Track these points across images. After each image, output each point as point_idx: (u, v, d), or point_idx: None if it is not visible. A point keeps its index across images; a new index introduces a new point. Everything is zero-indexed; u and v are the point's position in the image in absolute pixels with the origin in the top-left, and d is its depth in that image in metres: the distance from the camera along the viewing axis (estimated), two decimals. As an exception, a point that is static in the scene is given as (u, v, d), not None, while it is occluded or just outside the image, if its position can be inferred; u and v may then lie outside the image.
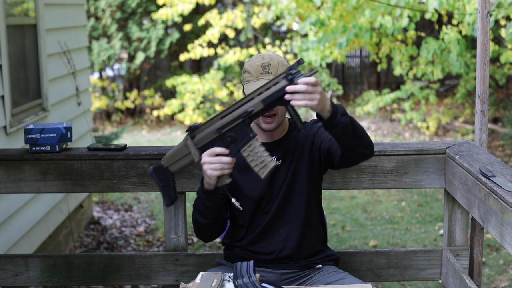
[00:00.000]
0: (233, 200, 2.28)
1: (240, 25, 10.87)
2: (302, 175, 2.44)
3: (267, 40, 11.62)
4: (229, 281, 2.22)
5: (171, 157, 2.22)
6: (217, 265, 2.63)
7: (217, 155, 2.16)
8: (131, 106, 12.56)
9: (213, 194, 2.29)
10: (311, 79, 2.03)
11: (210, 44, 11.63)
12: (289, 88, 2.03)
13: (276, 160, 2.42)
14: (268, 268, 2.48)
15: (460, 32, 7.84)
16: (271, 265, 2.48)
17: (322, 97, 2.07)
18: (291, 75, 2.04)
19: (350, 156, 2.32)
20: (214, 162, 2.15)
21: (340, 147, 2.28)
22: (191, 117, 11.15)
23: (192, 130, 2.17)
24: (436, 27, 10.78)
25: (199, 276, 2.24)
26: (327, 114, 2.11)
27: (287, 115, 2.38)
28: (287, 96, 2.05)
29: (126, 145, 2.91)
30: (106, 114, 12.54)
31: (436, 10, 6.97)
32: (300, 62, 2.01)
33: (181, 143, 2.20)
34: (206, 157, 2.16)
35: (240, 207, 2.29)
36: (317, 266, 2.52)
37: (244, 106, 2.10)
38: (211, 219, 2.37)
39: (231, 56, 10.56)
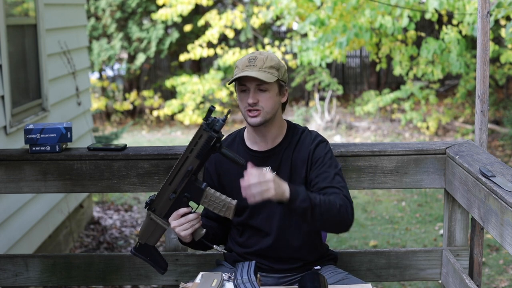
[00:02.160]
0: (215, 246, 2.36)
1: (239, 25, 10.87)
2: None
3: (266, 40, 11.62)
4: (229, 281, 2.22)
5: (144, 234, 2.31)
6: (217, 265, 2.63)
7: (183, 215, 2.25)
8: (130, 107, 12.56)
9: (193, 243, 2.35)
10: (253, 175, 2.09)
11: (209, 44, 11.63)
12: (243, 185, 2.11)
13: (271, 171, 2.42)
14: (267, 272, 2.48)
15: (460, 32, 7.84)
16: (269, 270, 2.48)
17: (277, 186, 2.12)
18: (207, 125, 2.16)
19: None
20: (182, 223, 2.24)
21: None
22: (191, 117, 11.15)
23: (150, 204, 2.27)
24: (436, 27, 10.77)
25: (199, 276, 2.24)
26: (286, 200, 2.17)
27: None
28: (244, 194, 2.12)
29: (126, 145, 2.91)
30: (106, 114, 12.53)
31: (436, 10, 6.96)
32: (211, 109, 2.13)
33: (146, 219, 2.30)
34: (173, 221, 2.25)
35: (224, 251, 2.41)
36: (315, 268, 2.51)
37: (183, 167, 2.21)
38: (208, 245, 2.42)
39: (231, 56, 10.56)
